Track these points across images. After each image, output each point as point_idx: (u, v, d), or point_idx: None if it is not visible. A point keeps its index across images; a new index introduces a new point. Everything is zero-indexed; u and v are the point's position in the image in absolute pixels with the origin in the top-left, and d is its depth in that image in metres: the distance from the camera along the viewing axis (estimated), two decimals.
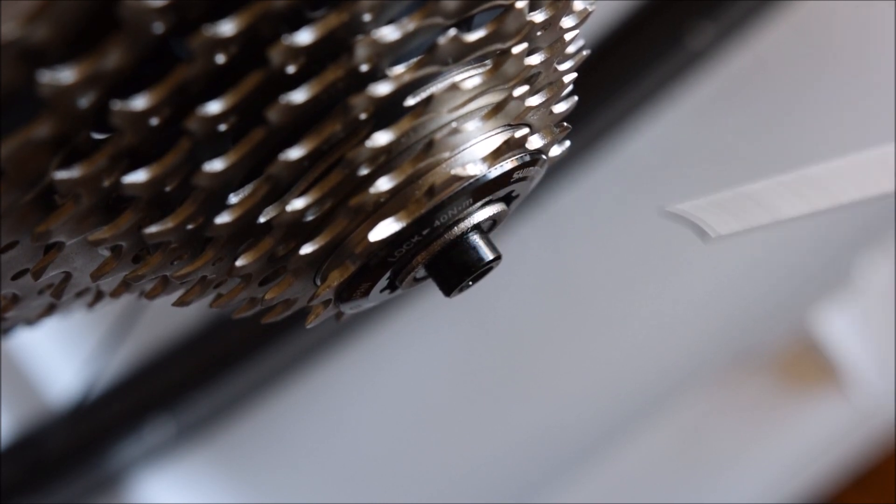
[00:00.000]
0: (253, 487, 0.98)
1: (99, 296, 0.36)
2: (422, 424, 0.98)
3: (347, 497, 0.97)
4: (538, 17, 0.29)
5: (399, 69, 0.27)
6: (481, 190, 0.30)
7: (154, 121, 0.25)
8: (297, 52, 0.25)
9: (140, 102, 0.24)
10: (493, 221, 0.33)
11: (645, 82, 0.87)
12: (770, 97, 0.94)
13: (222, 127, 0.25)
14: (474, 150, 0.30)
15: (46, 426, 0.89)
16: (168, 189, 0.26)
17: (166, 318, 0.92)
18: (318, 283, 0.32)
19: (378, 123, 0.28)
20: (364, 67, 0.26)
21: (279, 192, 0.28)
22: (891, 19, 0.88)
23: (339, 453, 0.97)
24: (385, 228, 0.29)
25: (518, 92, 0.30)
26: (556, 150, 0.34)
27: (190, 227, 0.27)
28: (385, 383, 0.97)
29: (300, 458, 0.98)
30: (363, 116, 0.27)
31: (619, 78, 0.85)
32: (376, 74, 0.27)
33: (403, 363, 0.97)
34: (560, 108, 0.33)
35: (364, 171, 0.28)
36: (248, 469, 0.98)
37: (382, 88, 0.27)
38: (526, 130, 0.31)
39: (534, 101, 0.31)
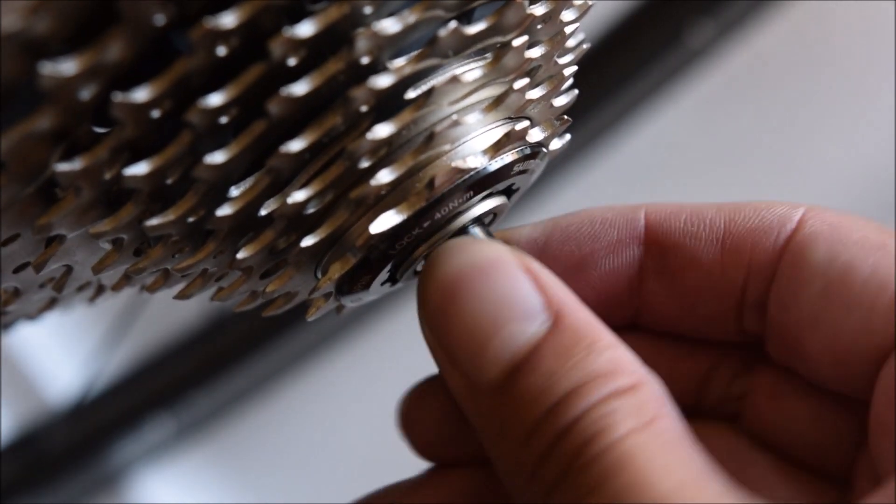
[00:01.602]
0: (252, 486, 0.98)
1: (100, 289, 0.36)
2: None
3: (347, 496, 0.96)
4: (538, 10, 0.29)
5: (400, 62, 0.27)
6: (482, 182, 0.30)
7: (155, 113, 0.25)
8: (297, 45, 0.25)
9: (141, 95, 0.24)
10: (494, 214, 0.33)
11: (644, 80, 0.87)
12: (769, 95, 0.94)
13: (223, 119, 0.25)
14: (475, 142, 0.30)
15: (46, 425, 0.90)
16: (169, 182, 0.26)
17: (166, 317, 0.92)
18: (319, 275, 0.32)
19: (379, 116, 0.28)
20: (365, 60, 0.26)
21: (280, 185, 0.28)
22: (890, 19, 0.88)
23: (338, 452, 0.97)
24: (386, 221, 0.29)
25: (518, 85, 0.30)
26: (556, 143, 0.34)
27: (191, 219, 0.27)
28: (385, 381, 0.97)
29: (300, 456, 0.98)
30: (364, 109, 0.27)
31: (619, 75, 0.85)
32: (377, 67, 0.27)
33: (403, 361, 0.97)
34: (560, 101, 0.33)
35: (365, 164, 0.28)
36: (247, 468, 0.98)
37: (383, 81, 0.27)
38: (526, 123, 0.31)
39: (534, 94, 0.31)
